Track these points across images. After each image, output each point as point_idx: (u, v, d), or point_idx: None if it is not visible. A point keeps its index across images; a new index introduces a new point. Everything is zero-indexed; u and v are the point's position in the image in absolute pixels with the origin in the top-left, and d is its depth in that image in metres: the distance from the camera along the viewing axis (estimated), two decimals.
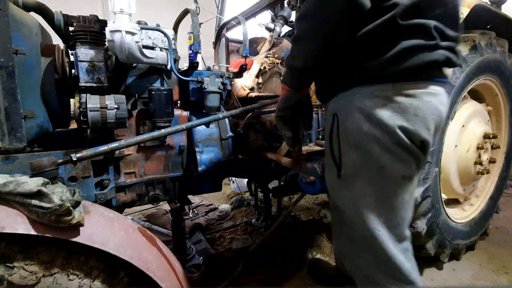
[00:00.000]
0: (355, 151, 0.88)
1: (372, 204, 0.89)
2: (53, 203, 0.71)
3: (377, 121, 0.83)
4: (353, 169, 0.89)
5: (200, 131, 1.58)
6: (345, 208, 0.96)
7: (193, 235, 2.25)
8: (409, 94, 0.82)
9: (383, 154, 0.85)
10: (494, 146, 2.05)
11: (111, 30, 1.15)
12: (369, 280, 0.97)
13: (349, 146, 0.89)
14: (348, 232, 1.00)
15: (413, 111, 0.83)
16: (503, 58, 1.93)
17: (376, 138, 0.84)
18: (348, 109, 0.87)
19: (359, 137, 0.86)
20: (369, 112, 0.84)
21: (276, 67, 2.23)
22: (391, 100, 0.82)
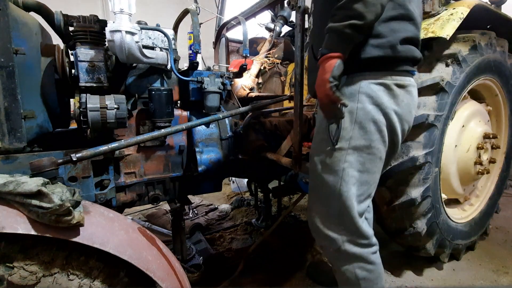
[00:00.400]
0: (354, 128, 0.99)
1: (355, 176, 1.02)
2: (53, 203, 0.71)
3: (378, 104, 0.97)
4: (348, 143, 1.00)
5: (200, 131, 1.58)
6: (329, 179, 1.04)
7: (193, 235, 2.26)
8: (401, 85, 1.00)
9: (375, 133, 0.99)
10: (494, 146, 2.05)
11: (111, 30, 1.15)
12: (340, 252, 1.07)
13: (351, 123, 0.99)
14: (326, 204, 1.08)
15: (401, 98, 1.00)
16: (503, 58, 1.93)
17: (374, 118, 0.98)
18: (353, 92, 0.98)
19: (362, 116, 0.98)
20: (373, 96, 0.97)
21: (276, 67, 2.23)
22: (389, 87, 0.98)
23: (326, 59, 0.93)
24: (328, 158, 1.04)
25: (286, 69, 2.25)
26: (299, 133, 1.38)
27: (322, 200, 1.09)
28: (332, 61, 0.92)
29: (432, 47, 1.58)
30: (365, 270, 1.08)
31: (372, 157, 1.02)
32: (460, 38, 1.63)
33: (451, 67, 1.58)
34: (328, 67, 0.92)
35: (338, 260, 1.11)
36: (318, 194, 1.10)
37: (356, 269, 1.07)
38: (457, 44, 1.61)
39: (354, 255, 1.06)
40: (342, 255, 1.08)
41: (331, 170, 1.03)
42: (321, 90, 0.94)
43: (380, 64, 0.97)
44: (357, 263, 1.07)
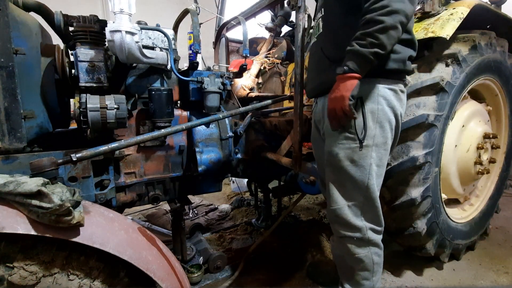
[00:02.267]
0: (376, 127, 1.12)
1: (375, 171, 1.15)
2: (53, 203, 0.71)
3: (392, 106, 1.13)
4: (373, 141, 1.13)
5: (200, 131, 1.58)
6: (355, 173, 1.15)
7: (193, 235, 2.25)
8: (403, 91, 1.19)
9: (389, 131, 1.15)
10: (494, 146, 2.04)
11: (111, 30, 1.15)
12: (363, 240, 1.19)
13: (373, 122, 1.12)
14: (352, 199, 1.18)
15: (403, 102, 1.19)
16: (503, 58, 1.93)
17: (389, 119, 1.14)
18: (374, 94, 1.12)
19: (382, 116, 1.12)
20: (388, 99, 1.12)
21: (276, 67, 2.23)
22: (397, 93, 1.15)
23: (349, 78, 1.03)
24: (355, 154, 1.14)
25: (286, 69, 2.25)
26: (299, 133, 1.38)
27: (349, 193, 1.18)
28: (354, 81, 1.03)
29: (432, 47, 1.58)
30: (378, 255, 1.23)
31: (386, 153, 1.17)
32: (460, 38, 1.63)
33: (451, 67, 1.58)
34: (350, 85, 1.03)
35: (359, 247, 1.21)
36: (344, 187, 1.18)
37: (373, 255, 1.21)
38: (457, 44, 1.61)
39: (373, 242, 1.20)
40: (364, 243, 1.20)
41: (359, 165, 1.14)
42: (338, 104, 1.04)
43: (393, 74, 1.13)
44: (374, 249, 1.21)
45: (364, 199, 1.16)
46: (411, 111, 1.53)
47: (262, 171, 1.91)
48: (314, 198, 3.24)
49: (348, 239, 1.21)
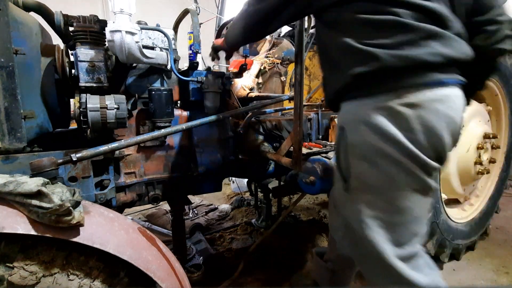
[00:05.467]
0: (362, 164, 0.87)
1: (378, 218, 0.87)
2: (53, 203, 0.71)
3: (382, 133, 0.82)
4: (360, 182, 0.89)
5: (200, 131, 1.58)
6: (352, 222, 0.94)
7: (193, 235, 2.26)
8: (410, 104, 0.79)
9: (391, 167, 0.83)
10: (494, 146, 2.05)
11: (111, 30, 1.15)
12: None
13: (357, 159, 0.88)
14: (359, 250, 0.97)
15: (418, 121, 0.80)
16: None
17: (383, 151, 0.82)
18: (354, 122, 0.87)
19: (366, 150, 0.85)
20: (375, 124, 0.82)
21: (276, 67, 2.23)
22: (394, 110, 0.80)
23: None
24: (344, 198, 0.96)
25: (286, 69, 2.25)
26: (299, 133, 1.37)
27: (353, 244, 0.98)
28: None
29: None
30: None
31: (400, 194, 0.85)
32: None
33: None
34: None
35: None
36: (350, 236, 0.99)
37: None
38: None
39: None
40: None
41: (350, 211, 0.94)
42: None
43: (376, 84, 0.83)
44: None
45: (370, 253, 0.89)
46: None
47: (262, 171, 1.91)
48: (314, 198, 3.24)
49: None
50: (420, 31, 0.79)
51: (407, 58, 0.78)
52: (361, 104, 0.86)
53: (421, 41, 0.79)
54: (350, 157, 0.89)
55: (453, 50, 0.80)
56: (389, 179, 0.84)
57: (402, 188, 0.85)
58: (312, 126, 1.97)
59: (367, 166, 0.86)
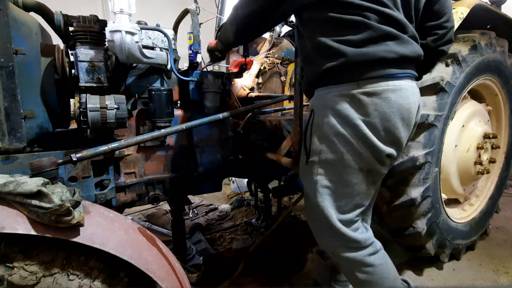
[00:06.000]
0: (322, 142, 1.03)
1: (330, 188, 1.05)
2: (53, 203, 0.71)
3: (343, 117, 0.97)
4: (318, 157, 1.04)
5: (200, 131, 1.58)
6: (308, 191, 1.12)
7: (193, 235, 2.26)
8: (368, 92, 0.95)
9: (344, 146, 0.99)
10: (494, 146, 2.05)
11: (111, 30, 1.15)
12: (335, 257, 1.13)
13: (318, 137, 1.04)
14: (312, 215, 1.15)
15: (373, 107, 0.95)
16: (503, 58, 1.93)
17: (340, 132, 0.98)
18: (322, 106, 1.02)
19: (327, 130, 1.00)
20: (338, 109, 0.98)
21: (276, 67, 2.23)
22: (355, 98, 0.96)
23: None
24: (304, 170, 1.12)
25: (286, 69, 2.25)
26: (299, 133, 1.37)
27: (309, 210, 1.16)
28: None
29: None
30: (365, 272, 1.09)
31: (348, 169, 1.01)
32: (460, 38, 1.63)
33: (451, 67, 1.58)
34: None
35: (338, 264, 1.16)
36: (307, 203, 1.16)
37: (356, 272, 1.10)
38: (457, 44, 1.61)
39: (348, 259, 1.09)
40: (339, 260, 1.13)
41: (308, 182, 1.10)
42: None
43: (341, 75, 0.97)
44: (354, 266, 1.10)
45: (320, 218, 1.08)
46: None
47: (262, 171, 1.91)
48: None
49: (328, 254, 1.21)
50: (381, 31, 0.93)
51: (368, 54, 0.92)
52: (328, 91, 1.01)
53: (381, 40, 0.93)
54: (313, 135, 1.05)
55: (406, 49, 0.96)
56: (340, 157, 1.00)
57: (350, 166, 1.01)
58: None
59: (325, 144, 1.02)
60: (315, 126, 1.05)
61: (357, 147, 0.98)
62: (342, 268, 1.17)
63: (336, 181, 1.04)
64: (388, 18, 0.94)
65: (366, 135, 0.96)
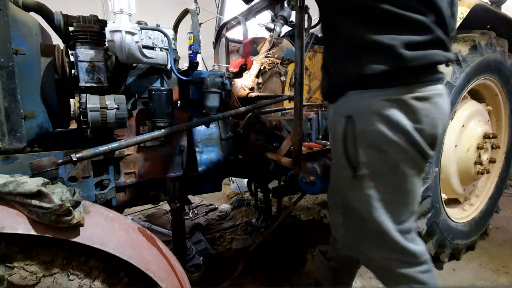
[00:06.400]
0: (373, 152, 0.93)
1: (385, 200, 0.96)
2: (53, 203, 0.71)
3: (393, 124, 0.89)
4: (370, 169, 0.94)
5: (200, 131, 1.58)
6: (358, 205, 1.01)
7: (193, 235, 2.26)
8: (421, 97, 0.88)
9: (398, 154, 0.91)
10: (494, 146, 2.05)
11: (111, 30, 1.15)
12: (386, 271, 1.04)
13: (368, 147, 0.93)
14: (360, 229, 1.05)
15: (424, 113, 0.89)
16: (503, 58, 1.93)
17: (392, 140, 0.90)
18: (366, 112, 0.91)
19: (378, 139, 0.91)
20: (387, 115, 0.89)
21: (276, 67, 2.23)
22: (406, 103, 0.88)
23: None
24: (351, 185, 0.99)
25: (286, 69, 2.25)
26: (299, 133, 1.37)
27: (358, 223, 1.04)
28: None
29: None
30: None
31: (404, 178, 0.95)
32: (460, 38, 1.63)
33: (451, 67, 1.58)
34: None
35: (385, 279, 1.08)
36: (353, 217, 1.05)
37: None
38: (457, 44, 1.61)
39: (400, 275, 1.00)
40: (388, 274, 1.04)
41: (358, 197, 0.99)
42: None
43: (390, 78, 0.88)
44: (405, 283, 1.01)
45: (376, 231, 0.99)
46: None
47: (262, 171, 1.91)
48: (314, 198, 3.24)
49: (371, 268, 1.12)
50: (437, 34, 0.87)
51: (426, 57, 0.86)
52: (373, 95, 0.90)
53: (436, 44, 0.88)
54: (359, 145, 0.94)
55: (451, 53, 0.92)
56: (395, 166, 0.92)
57: (406, 174, 0.94)
58: (312, 126, 1.97)
59: (376, 154, 0.92)
60: (359, 136, 0.93)
61: (412, 155, 0.92)
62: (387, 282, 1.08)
63: (391, 191, 0.96)
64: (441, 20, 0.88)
65: (418, 142, 0.91)
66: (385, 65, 0.85)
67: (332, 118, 1.05)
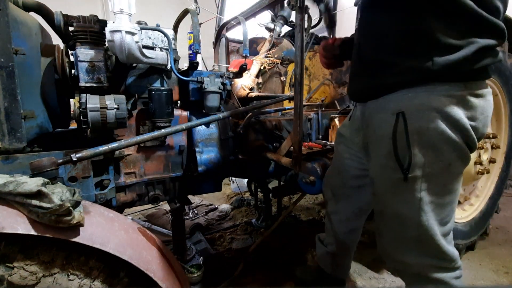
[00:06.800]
0: (427, 152, 0.87)
1: (435, 203, 0.91)
2: (53, 203, 0.71)
3: (453, 121, 0.84)
4: (425, 170, 0.88)
5: (200, 131, 1.58)
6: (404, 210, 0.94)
7: (193, 235, 2.26)
8: (478, 94, 0.86)
9: (452, 153, 0.87)
10: (494, 146, 2.04)
11: (111, 30, 1.15)
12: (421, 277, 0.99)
13: (422, 146, 0.87)
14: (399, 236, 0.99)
15: (480, 110, 0.87)
16: (503, 58, 1.93)
17: (450, 137, 0.85)
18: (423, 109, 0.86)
19: (435, 137, 0.86)
20: (447, 112, 0.84)
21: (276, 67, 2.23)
22: (465, 99, 0.84)
23: None
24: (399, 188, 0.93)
25: (286, 69, 2.25)
26: (299, 133, 1.38)
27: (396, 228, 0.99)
28: None
29: None
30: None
31: (453, 176, 0.91)
32: None
33: None
34: None
35: (415, 283, 1.03)
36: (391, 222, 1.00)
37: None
38: None
39: (435, 280, 0.97)
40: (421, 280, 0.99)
41: (405, 201, 0.93)
42: None
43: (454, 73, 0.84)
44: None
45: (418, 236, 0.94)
46: None
47: (262, 171, 1.91)
48: (314, 198, 3.24)
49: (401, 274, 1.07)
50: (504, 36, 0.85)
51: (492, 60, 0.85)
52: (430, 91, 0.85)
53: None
54: (412, 144, 0.87)
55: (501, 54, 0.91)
56: (447, 165, 0.88)
57: (456, 172, 0.90)
58: (312, 126, 1.97)
59: (432, 154, 0.87)
60: (414, 134, 0.87)
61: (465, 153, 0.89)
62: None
63: (439, 193, 0.91)
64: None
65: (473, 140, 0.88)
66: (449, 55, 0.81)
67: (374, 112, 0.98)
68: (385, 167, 0.94)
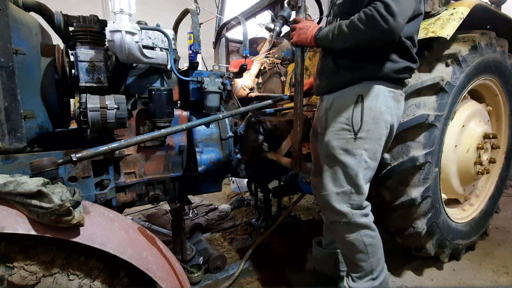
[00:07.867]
0: (371, 122, 1.21)
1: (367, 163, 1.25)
2: (53, 203, 0.71)
3: (389, 106, 1.23)
4: (368, 134, 1.22)
5: (200, 131, 1.58)
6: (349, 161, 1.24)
7: (193, 235, 2.25)
8: (402, 94, 1.29)
9: (384, 129, 1.24)
10: (494, 146, 2.04)
11: (111, 30, 1.15)
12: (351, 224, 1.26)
13: (370, 118, 1.22)
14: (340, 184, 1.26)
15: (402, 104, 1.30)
16: (503, 58, 1.93)
17: (385, 118, 1.22)
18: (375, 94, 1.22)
19: (379, 114, 1.21)
20: (387, 100, 1.22)
21: (276, 67, 2.23)
22: (397, 97, 1.26)
23: None
24: (349, 144, 1.23)
25: (286, 69, 2.25)
26: (299, 133, 1.38)
27: (339, 181, 1.26)
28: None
29: (432, 47, 1.58)
30: (370, 237, 1.28)
31: (379, 148, 1.25)
32: (460, 38, 1.63)
33: (451, 67, 1.58)
34: None
35: (348, 231, 1.27)
36: (335, 175, 1.26)
37: (363, 237, 1.27)
38: (457, 44, 1.61)
39: (361, 225, 1.26)
40: (352, 227, 1.26)
41: (351, 154, 1.23)
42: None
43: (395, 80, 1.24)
44: (364, 231, 1.27)
45: (352, 187, 1.24)
46: (411, 111, 1.53)
47: (262, 171, 1.91)
48: (314, 198, 3.24)
49: (337, 224, 1.29)
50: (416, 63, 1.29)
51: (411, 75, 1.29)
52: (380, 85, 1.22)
53: None
54: (364, 115, 1.22)
55: None
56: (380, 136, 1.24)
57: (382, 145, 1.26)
58: None
59: (374, 124, 1.22)
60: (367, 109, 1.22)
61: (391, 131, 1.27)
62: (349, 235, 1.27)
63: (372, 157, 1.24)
64: None
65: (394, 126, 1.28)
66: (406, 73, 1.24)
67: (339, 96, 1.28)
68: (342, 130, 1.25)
